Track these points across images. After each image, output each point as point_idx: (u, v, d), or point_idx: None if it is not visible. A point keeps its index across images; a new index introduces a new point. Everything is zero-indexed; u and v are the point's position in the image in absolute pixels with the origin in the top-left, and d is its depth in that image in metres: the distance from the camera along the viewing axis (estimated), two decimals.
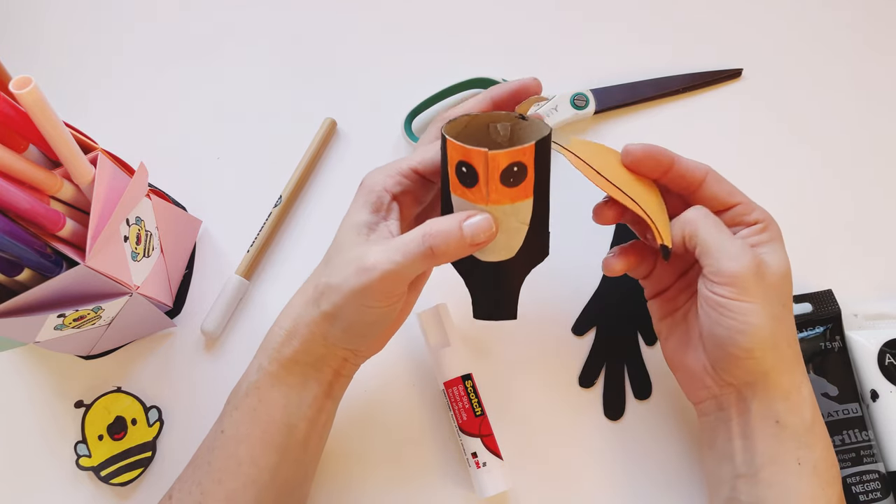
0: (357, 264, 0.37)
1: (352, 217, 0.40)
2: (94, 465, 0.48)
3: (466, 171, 0.37)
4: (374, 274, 0.37)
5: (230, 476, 0.41)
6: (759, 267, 0.39)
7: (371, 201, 0.40)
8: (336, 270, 0.39)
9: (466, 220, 0.37)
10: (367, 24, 0.59)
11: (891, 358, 0.48)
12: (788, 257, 0.40)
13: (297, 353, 0.41)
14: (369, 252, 0.38)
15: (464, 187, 0.38)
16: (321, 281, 0.40)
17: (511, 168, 0.37)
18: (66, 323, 0.42)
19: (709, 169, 0.42)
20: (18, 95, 0.34)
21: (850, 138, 0.55)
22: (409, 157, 0.41)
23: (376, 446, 0.50)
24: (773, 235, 0.41)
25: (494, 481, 0.47)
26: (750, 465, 0.40)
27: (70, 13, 0.59)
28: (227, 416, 0.42)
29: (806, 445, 0.39)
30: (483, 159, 0.36)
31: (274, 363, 0.41)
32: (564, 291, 0.53)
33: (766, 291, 0.39)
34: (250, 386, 0.42)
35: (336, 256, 0.40)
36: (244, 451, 0.41)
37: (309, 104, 0.56)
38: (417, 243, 0.37)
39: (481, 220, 0.37)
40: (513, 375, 0.51)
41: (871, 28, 0.58)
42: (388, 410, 0.50)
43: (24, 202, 0.37)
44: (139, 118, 0.56)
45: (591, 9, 0.59)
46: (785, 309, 0.40)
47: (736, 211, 0.42)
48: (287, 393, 0.41)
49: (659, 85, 0.56)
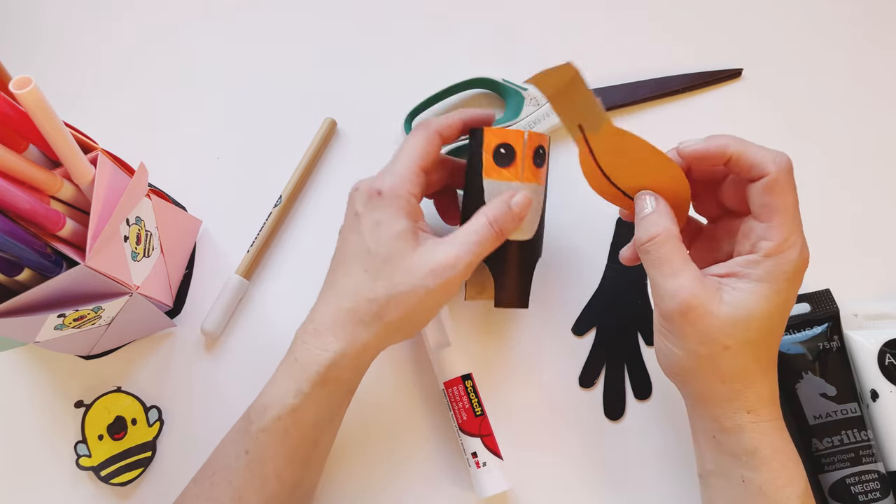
0: (428, 267, 0.40)
1: (391, 227, 0.40)
2: (94, 465, 0.48)
3: (505, 151, 0.44)
4: (459, 268, 0.40)
5: (252, 493, 0.40)
6: (692, 311, 0.37)
7: (404, 208, 0.41)
8: (399, 279, 0.40)
9: (512, 200, 0.43)
10: (367, 24, 0.58)
11: (891, 358, 0.48)
12: (773, 303, 0.37)
13: (343, 372, 0.41)
14: (436, 254, 0.40)
15: (500, 168, 0.44)
16: (378, 294, 0.40)
17: (539, 149, 0.45)
18: (66, 323, 0.42)
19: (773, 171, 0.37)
20: (18, 95, 0.34)
21: (850, 138, 0.55)
22: (411, 158, 0.42)
23: (376, 446, 0.50)
24: (762, 275, 0.37)
25: (494, 481, 0.47)
26: (702, 467, 0.42)
27: (70, 13, 0.59)
28: (251, 437, 0.41)
29: (748, 466, 0.39)
30: (521, 138, 0.44)
31: (316, 386, 0.40)
32: (564, 293, 0.53)
33: (695, 333, 0.38)
34: (286, 410, 0.40)
35: (388, 267, 0.40)
36: (270, 469, 0.40)
37: (309, 104, 0.56)
38: (487, 229, 0.41)
39: (522, 197, 0.43)
40: (513, 375, 0.51)
41: (871, 23, 0.58)
42: (389, 410, 0.50)
43: (24, 202, 0.37)
44: (139, 118, 0.56)
45: (591, 8, 0.59)
46: (727, 350, 0.38)
47: (755, 228, 0.39)
48: (318, 410, 0.41)
49: (659, 85, 0.56)
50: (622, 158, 0.41)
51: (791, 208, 0.38)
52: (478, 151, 0.44)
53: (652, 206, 0.41)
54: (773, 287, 0.37)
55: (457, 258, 0.40)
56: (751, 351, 0.38)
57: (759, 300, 0.37)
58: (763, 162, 0.38)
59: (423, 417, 0.50)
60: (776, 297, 0.38)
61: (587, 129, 0.41)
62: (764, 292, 0.37)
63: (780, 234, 0.37)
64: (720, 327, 0.37)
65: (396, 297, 0.40)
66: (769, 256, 0.37)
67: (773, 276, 0.38)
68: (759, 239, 0.38)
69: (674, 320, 0.38)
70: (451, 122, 0.44)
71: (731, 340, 0.38)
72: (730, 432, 0.39)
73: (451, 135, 0.45)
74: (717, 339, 0.38)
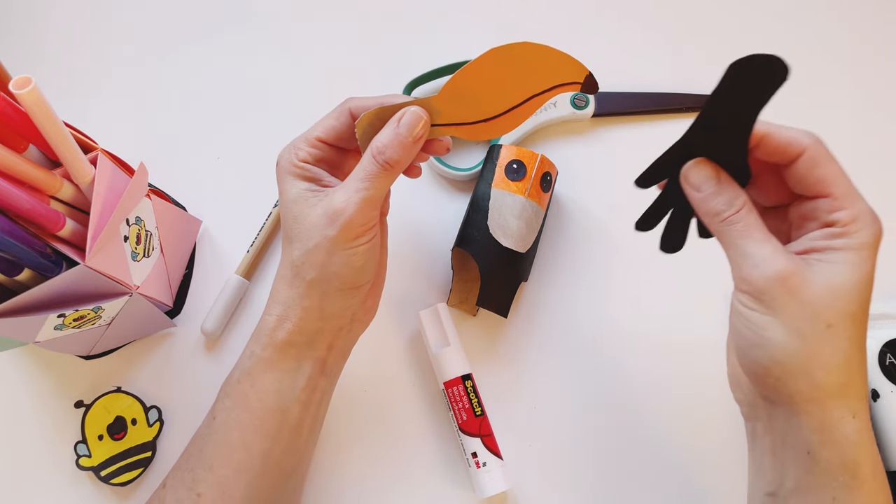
0: (326, 217, 0.39)
1: (288, 193, 0.41)
2: (94, 465, 0.48)
3: (516, 167, 0.49)
4: (350, 209, 0.38)
5: (222, 462, 0.41)
6: (792, 278, 0.34)
7: (295, 174, 0.41)
8: (305, 237, 0.40)
9: (399, 122, 0.39)
10: (368, 24, 0.58)
11: (891, 358, 0.48)
12: (863, 273, 0.34)
13: (291, 335, 0.41)
14: (332, 201, 0.39)
15: (508, 180, 0.49)
16: (294, 256, 0.40)
17: (547, 175, 0.50)
18: (66, 323, 0.42)
19: (810, 144, 0.35)
20: (18, 95, 0.34)
21: (851, 146, 0.55)
22: (313, 129, 0.42)
23: (376, 446, 0.50)
24: (848, 243, 0.34)
25: (494, 481, 0.47)
26: (780, 486, 0.37)
27: (70, 13, 0.59)
28: (218, 403, 0.42)
29: (845, 487, 0.34)
30: (534, 159, 0.49)
31: (267, 348, 0.41)
32: (564, 292, 0.53)
33: (796, 306, 0.34)
34: (242, 373, 0.42)
35: (296, 228, 0.40)
36: (236, 437, 0.41)
37: (309, 104, 0.56)
38: (373, 164, 0.39)
39: (411, 115, 0.39)
40: (513, 375, 0.51)
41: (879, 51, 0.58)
42: (389, 410, 0.50)
43: (24, 202, 0.37)
44: (139, 118, 0.56)
45: (605, 10, 0.58)
46: (830, 329, 0.34)
47: (819, 205, 0.36)
48: (280, 377, 0.41)
49: (662, 100, 0.56)
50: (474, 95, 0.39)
51: (845, 174, 0.35)
52: (492, 164, 0.49)
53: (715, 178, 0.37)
54: (860, 255, 0.34)
55: (347, 199, 0.39)
56: (854, 330, 0.35)
57: (852, 269, 0.34)
58: (796, 138, 0.35)
59: (423, 417, 0.50)
60: (865, 265, 0.35)
61: (435, 120, 0.40)
62: (854, 260, 0.34)
63: (849, 199, 0.35)
64: (821, 298, 0.34)
65: (307, 254, 0.40)
66: (848, 224, 0.35)
67: (858, 243, 0.35)
68: (828, 213, 0.35)
69: (772, 292, 0.34)
70: (367, 104, 0.42)
71: (834, 315, 0.34)
72: (834, 445, 0.34)
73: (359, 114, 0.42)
74: (821, 313, 0.34)
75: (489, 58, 0.38)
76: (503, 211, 0.48)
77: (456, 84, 0.39)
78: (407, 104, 0.40)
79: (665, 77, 0.57)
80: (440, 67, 0.55)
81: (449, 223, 0.53)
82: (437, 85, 0.57)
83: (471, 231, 0.49)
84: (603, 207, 0.54)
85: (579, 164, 0.55)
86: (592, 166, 0.56)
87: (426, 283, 0.53)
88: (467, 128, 0.40)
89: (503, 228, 0.48)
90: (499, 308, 0.49)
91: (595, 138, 0.56)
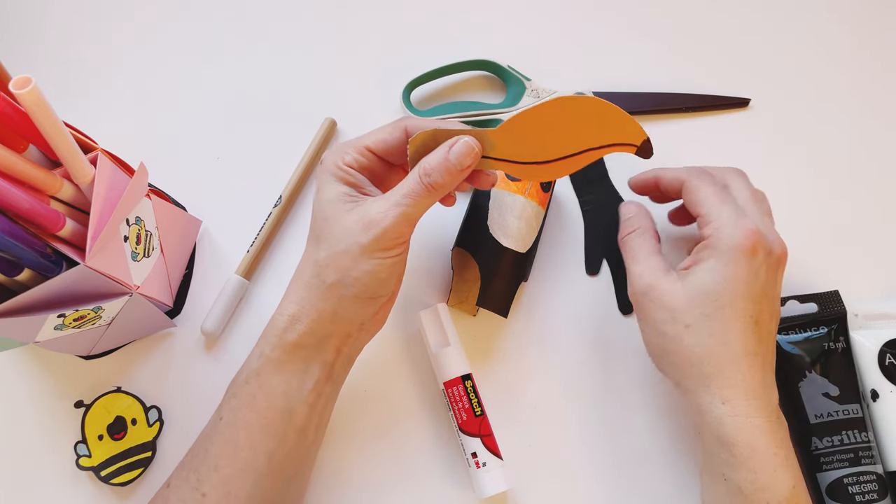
0: (361, 224, 0.40)
1: (326, 193, 0.41)
2: (94, 465, 0.48)
3: None
4: (387, 221, 0.39)
5: (227, 462, 0.41)
6: (651, 291, 0.43)
7: (339, 176, 0.42)
8: (335, 239, 0.40)
9: (451, 149, 0.40)
10: (368, 24, 0.58)
11: (891, 358, 0.48)
12: (724, 277, 0.41)
13: (301, 337, 0.41)
14: (370, 209, 0.40)
15: (509, 180, 0.48)
16: (319, 256, 0.41)
17: None
18: (66, 323, 0.42)
19: (685, 178, 0.45)
20: (18, 95, 0.34)
21: (849, 153, 0.55)
22: (364, 137, 0.43)
23: (376, 445, 0.50)
24: (711, 253, 0.42)
25: (494, 481, 0.47)
26: (699, 466, 0.44)
27: (70, 13, 0.59)
28: (225, 403, 0.42)
29: (727, 464, 0.40)
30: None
31: (277, 349, 0.41)
32: (560, 294, 0.53)
33: (656, 312, 0.42)
34: (251, 373, 0.42)
35: (326, 229, 0.41)
36: (242, 437, 0.41)
37: (309, 104, 0.56)
38: (418, 183, 0.40)
39: (462, 145, 0.40)
40: (513, 375, 0.51)
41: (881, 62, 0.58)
42: (389, 410, 0.50)
43: (24, 202, 0.37)
44: (139, 118, 0.56)
45: (604, 9, 0.58)
46: (687, 329, 0.41)
47: (699, 223, 0.44)
48: (288, 379, 0.41)
49: (663, 100, 0.56)
50: (531, 138, 0.40)
51: (709, 196, 0.43)
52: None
53: (634, 210, 0.47)
54: (720, 261, 0.41)
55: (386, 211, 0.39)
56: (712, 329, 0.41)
57: (708, 274, 0.41)
58: (677, 174, 0.46)
59: (423, 417, 0.50)
60: (724, 270, 0.41)
61: (488, 152, 0.41)
62: (715, 266, 0.41)
63: (714, 215, 0.42)
64: (680, 305, 0.41)
65: (333, 257, 0.40)
66: (712, 234, 0.42)
67: (716, 251, 0.41)
68: (701, 231, 0.43)
69: (639, 301, 0.43)
70: (424, 125, 0.43)
71: (691, 317, 0.41)
72: (708, 425, 0.41)
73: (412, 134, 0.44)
74: (678, 316, 0.41)
75: (554, 105, 0.39)
76: (503, 211, 0.48)
77: (515, 123, 0.40)
78: (463, 132, 0.40)
79: (665, 77, 0.57)
80: (439, 68, 0.55)
81: (449, 223, 0.53)
82: (437, 86, 0.57)
83: (471, 231, 0.49)
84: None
85: None
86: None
87: (426, 283, 0.53)
88: (517, 167, 0.41)
89: (503, 228, 0.48)
90: (499, 308, 0.49)
91: None
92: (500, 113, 0.54)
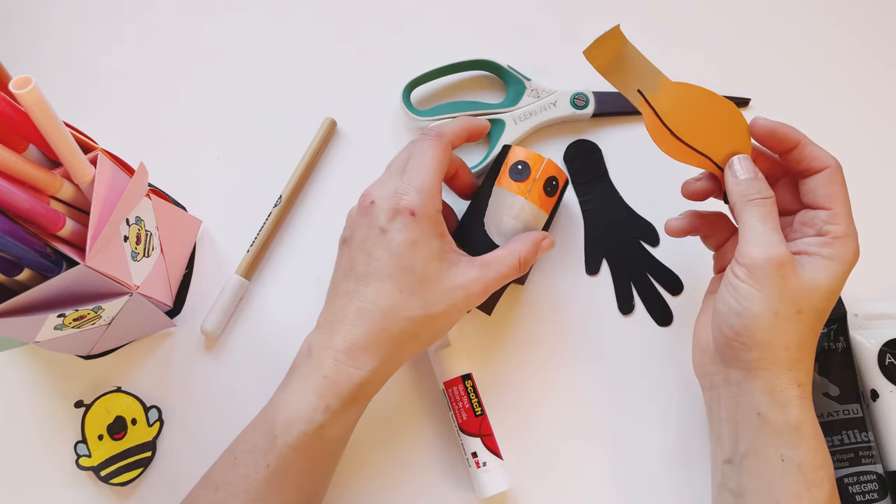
0: (462, 291, 0.42)
1: (427, 248, 0.41)
2: (94, 465, 0.48)
3: (521, 168, 0.47)
4: (485, 295, 0.43)
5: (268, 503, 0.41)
6: (785, 266, 0.39)
7: (436, 228, 0.42)
8: (434, 300, 0.41)
9: (543, 242, 0.46)
10: (368, 24, 0.58)
11: (891, 358, 0.48)
12: (838, 282, 0.40)
13: (374, 388, 0.42)
14: (468, 277, 0.42)
15: (511, 180, 0.47)
16: (415, 314, 0.41)
17: (552, 180, 0.48)
18: (66, 323, 0.42)
19: (833, 164, 0.41)
20: (18, 95, 0.34)
21: (851, 151, 0.55)
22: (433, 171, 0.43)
23: (376, 446, 0.50)
24: (833, 254, 0.40)
25: (494, 481, 0.47)
26: (734, 452, 0.41)
27: (70, 13, 0.59)
28: (275, 451, 0.40)
29: (790, 444, 0.40)
30: (540, 163, 0.48)
31: (345, 402, 0.41)
32: (560, 294, 0.53)
33: (780, 289, 0.39)
34: (312, 426, 0.40)
35: (425, 288, 0.41)
36: (290, 484, 0.41)
37: (309, 104, 0.56)
38: (514, 263, 0.44)
39: (550, 241, 0.47)
40: (513, 376, 0.51)
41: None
42: (389, 410, 0.50)
43: (24, 202, 0.37)
44: (139, 118, 0.56)
45: (605, 10, 0.58)
46: (799, 315, 0.40)
47: (819, 215, 0.41)
48: (343, 427, 0.42)
49: None
50: (686, 113, 0.42)
51: (848, 199, 0.42)
52: (499, 163, 0.48)
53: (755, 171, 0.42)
54: (840, 267, 0.40)
55: (486, 284, 0.43)
56: (815, 321, 0.40)
57: (830, 275, 0.40)
58: (823, 155, 0.42)
59: (423, 417, 0.50)
60: (841, 277, 0.41)
61: (647, 92, 0.42)
62: (833, 269, 0.40)
63: (845, 220, 0.41)
64: (801, 290, 0.40)
65: (432, 317, 0.41)
66: (838, 238, 0.41)
67: (841, 256, 0.40)
68: (824, 224, 0.41)
69: (766, 271, 0.39)
70: (460, 132, 0.46)
71: (806, 305, 0.40)
72: (780, 406, 0.40)
73: (458, 144, 0.46)
74: (796, 301, 0.39)
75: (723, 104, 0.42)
76: (500, 209, 0.48)
77: (689, 91, 0.42)
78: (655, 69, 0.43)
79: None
80: (439, 68, 0.55)
81: None
82: (437, 85, 0.57)
83: (467, 226, 0.49)
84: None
85: None
86: None
87: None
88: (657, 121, 0.42)
89: (498, 226, 0.47)
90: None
91: (595, 138, 0.56)
92: (500, 113, 0.54)
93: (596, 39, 0.41)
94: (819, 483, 0.39)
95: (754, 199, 0.41)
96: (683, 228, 0.47)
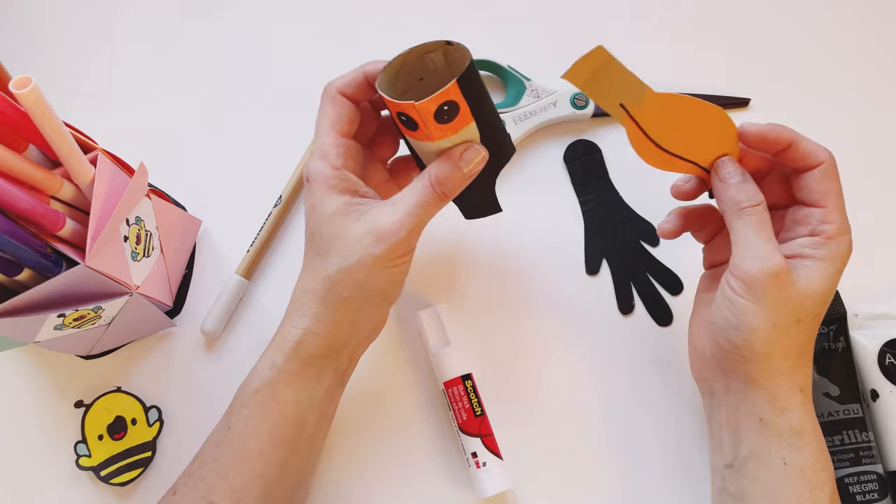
0: (372, 236, 0.39)
1: (326, 208, 0.41)
2: (94, 464, 0.48)
3: (406, 119, 0.40)
4: (402, 233, 0.39)
5: (236, 471, 0.41)
6: (781, 276, 0.38)
7: (334, 186, 0.41)
8: (345, 253, 0.40)
9: (461, 159, 0.40)
10: (368, 23, 0.58)
11: (891, 358, 0.48)
12: (833, 283, 0.39)
13: (319, 348, 0.41)
14: (378, 220, 0.40)
15: (409, 131, 0.41)
16: (330, 272, 0.40)
17: (442, 108, 0.39)
18: (66, 323, 0.42)
19: (827, 159, 0.40)
20: (18, 95, 0.34)
21: (848, 152, 0.55)
22: (325, 129, 0.42)
23: (376, 446, 0.50)
24: (827, 255, 0.39)
25: (494, 481, 0.47)
26: (735, 456, 0.41)
27: (70, 13, 0.59)
28: (234, 413, 0.42)
29: (792, 448, 0.39)
30: (413, 110, 0.39)
31: (290, 361, 0.41)
32: (560, 294, 0.53)
33: (778, 301, 0.38)
34: (262, 383, 0.41)
35: (334, 244, 0.40)
36: (253, 446, 0.41)
37: (309, 104, 0.56)
38: (429, 192, 0.40)
39: (472, 153, 0.41)
40: (513, 375, 0.51)
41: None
42: (389, 410, 0.50)
43: (24, 202, 0.37)
44: (139, 118, 0.56)
45: (605, 10, 0.58)
46: (798, 324, 0.39)
47: (813, 213, 0.40)
48: (301, 388, 0.42)
49: None
50: (671, 122, 0.41)
51: (842, 195, 0.41)
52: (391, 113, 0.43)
53: (742, 174, 0.41)
54: (835, 267, 0.40)
55: (400, 223, 0.40)
56: (814, 326, 0.40)
57: (825, 278, 0.39)
58: (817, 151, 0.40)
59: (423, 417, 0.50)
60: (835, 277, 0.40)
61: (629, 105, 0.40)
62: (828, 271, 0.39)
63: (839, 217, 0.40)
64: (799, 298, 0.39)
65: (346, 270, 0.40)
66: (832, 238, 0.40)
67: (835, 256, 0.40)
68: (819, 224, 0.40)
69: (763, 284, 0.38)
70: (352, 77, 0.43)
71: (804, 314, 0.39)
72: (782, 412, 0.39)
73: (356, 91, 0.43)
74: (795, 310, 0.39)
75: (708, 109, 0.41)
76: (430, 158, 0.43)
77: (672, 101, 0.40)
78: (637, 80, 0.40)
79: (665, 77, 0.57)
80: None
81: (448, 222, 0.53)
82: None
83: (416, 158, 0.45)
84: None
85: None
86: None
87: (426, 283, 0.53)
88: (640, 134, 0.41)
89: None
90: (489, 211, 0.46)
91: (595, 138, 0.56)
92: (501, 113, 0.54)
93: (576, 62, 0.39)
94: (821, 485, 0.39)
95: (745, 209, 0.40)
96: (675, 229, 0.46)
